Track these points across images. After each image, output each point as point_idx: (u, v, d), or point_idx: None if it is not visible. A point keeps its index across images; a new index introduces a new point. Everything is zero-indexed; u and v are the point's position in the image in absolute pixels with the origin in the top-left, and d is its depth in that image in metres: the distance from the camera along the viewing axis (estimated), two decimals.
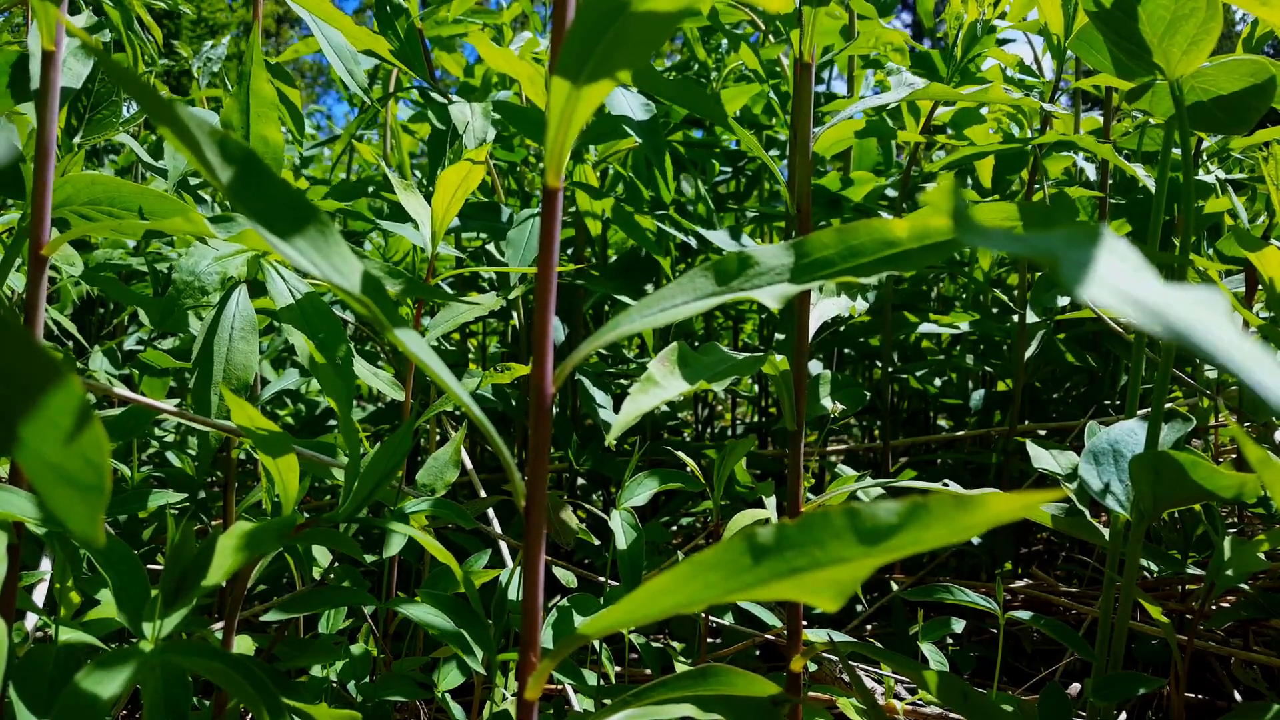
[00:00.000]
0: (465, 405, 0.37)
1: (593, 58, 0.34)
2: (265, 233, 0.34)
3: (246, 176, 0.34)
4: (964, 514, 0.27)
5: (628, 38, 0.33)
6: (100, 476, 0.27)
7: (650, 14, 0.32)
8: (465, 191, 0.85)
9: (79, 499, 0.28)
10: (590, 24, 0.33)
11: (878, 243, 0.39)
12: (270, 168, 0.35)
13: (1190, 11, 0.64)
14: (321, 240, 0.35)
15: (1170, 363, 0.79)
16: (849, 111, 0.68)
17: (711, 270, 0.41)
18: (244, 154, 0.34)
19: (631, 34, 0.33)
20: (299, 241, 0.35)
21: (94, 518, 0.28)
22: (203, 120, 0.33)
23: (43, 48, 0.64)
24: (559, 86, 0.35)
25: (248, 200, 0.34)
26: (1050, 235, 0.27)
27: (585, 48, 0.34)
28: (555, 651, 0.39)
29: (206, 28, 7.15)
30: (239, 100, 0.73)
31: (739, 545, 0.30)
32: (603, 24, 0.33)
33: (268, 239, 0.34)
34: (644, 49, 0.33)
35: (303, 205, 0.35)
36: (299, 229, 0.35)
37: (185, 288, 0.72)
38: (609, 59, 0.34)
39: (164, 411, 0.83)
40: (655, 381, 0.50)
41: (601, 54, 0.34)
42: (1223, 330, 0.24)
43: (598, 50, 0.34)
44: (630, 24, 0.32)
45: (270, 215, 0.34)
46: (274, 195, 0.34)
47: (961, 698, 0.64)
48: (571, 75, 0.35)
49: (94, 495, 0.28)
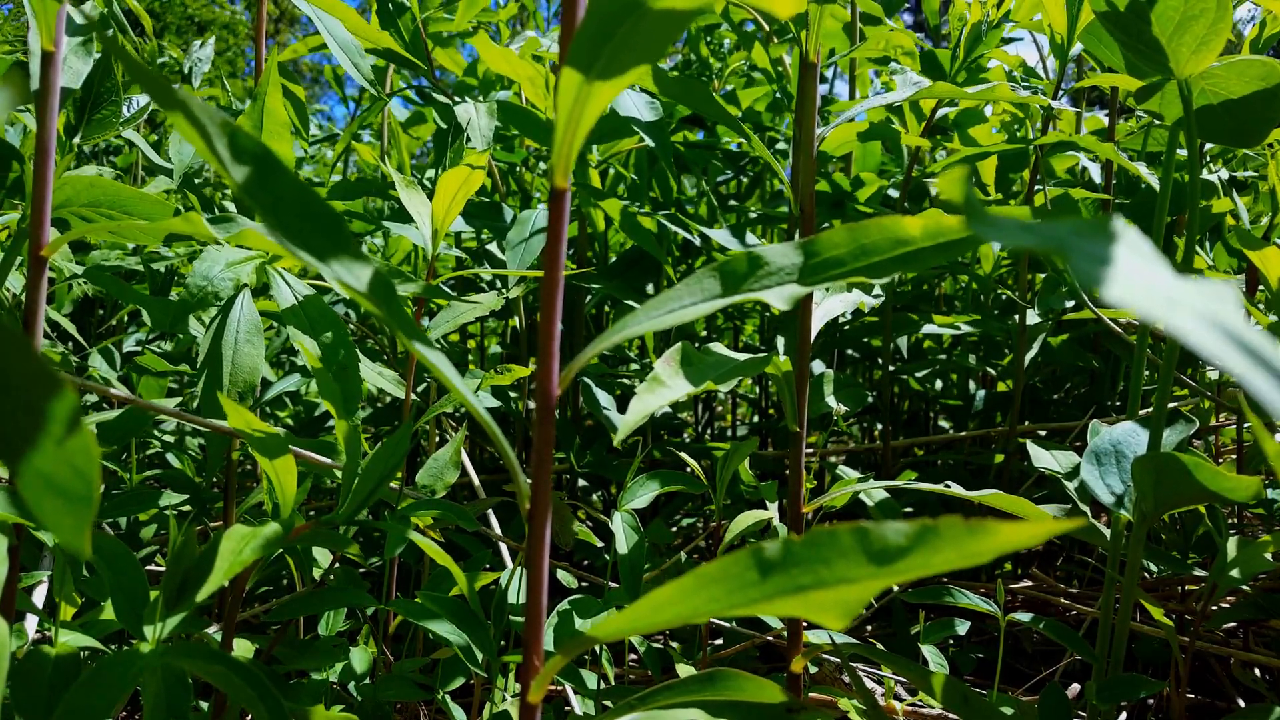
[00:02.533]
0: (476, 411, 0.37)
1: (603, 55, 0.33)
2: (278, 233, 0.33)
3: (260, 174, 0.33)
4: (974, 540, 0.27)
5: (640, 35, 0.32)
6: (89, 487, 0.27)
7: (665, 11, 0.31)
8: (467, 192, 0.85)
9: (66, 509, 0.27)
10: (601, 21, 0.32)
11: (890, 241, 0.38)
12: (285, 165, 0.35)
13: (1200, 12, 0.64)
14: (333, 240, 0.35)
15: (1173, 363, 0.79)
16: (853, 111, 0.68)
17: (719, 271, 0.40)
18: (258, 150, 0.34)
19: (644, 31, 0.32)
20: (311, 241, 0.34)
21: (81, 528, 0.27)
22: (214, 112, 0.33)
23: (42, 47, 0.64)
24: (568, 86, 0.34)
25: (260, 198, 0.34)
26: (1061, 227, 0.27)
27: (596, 45, 0.33)
28: (558, 655, 0.39)
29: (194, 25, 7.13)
30: (252, 118, 0.73)
31: (744, 559, 0.30)
32: (615, 21, 0.32)
33: (279, 239, 0.34)
34: (657, 47, 0.32)
35: (315, 205, 0.35)
36: (311, 229, 0.35)
37: (199, 293, 0.72)
38: (620, 57, 0.33)
39: (164, 412, 0.83)
40: (662, 382, 0.50)
41: (613, 52, 0.33)
42: (1236, 325, 0.24)
43: (608, 48, 0.33)
44: (643, 21, 0.32)
45: (283, 214, 0.34)
46: (287, 194, 0.34)
47: (962, 700, 0.64)
48: (581, 73, 0.34)
49: (82, 505, 0.27)
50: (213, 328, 0.75)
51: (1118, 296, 0.24)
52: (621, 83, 0.34)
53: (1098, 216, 0.27)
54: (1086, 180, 1.54)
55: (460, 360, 1.60)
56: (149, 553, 1.14)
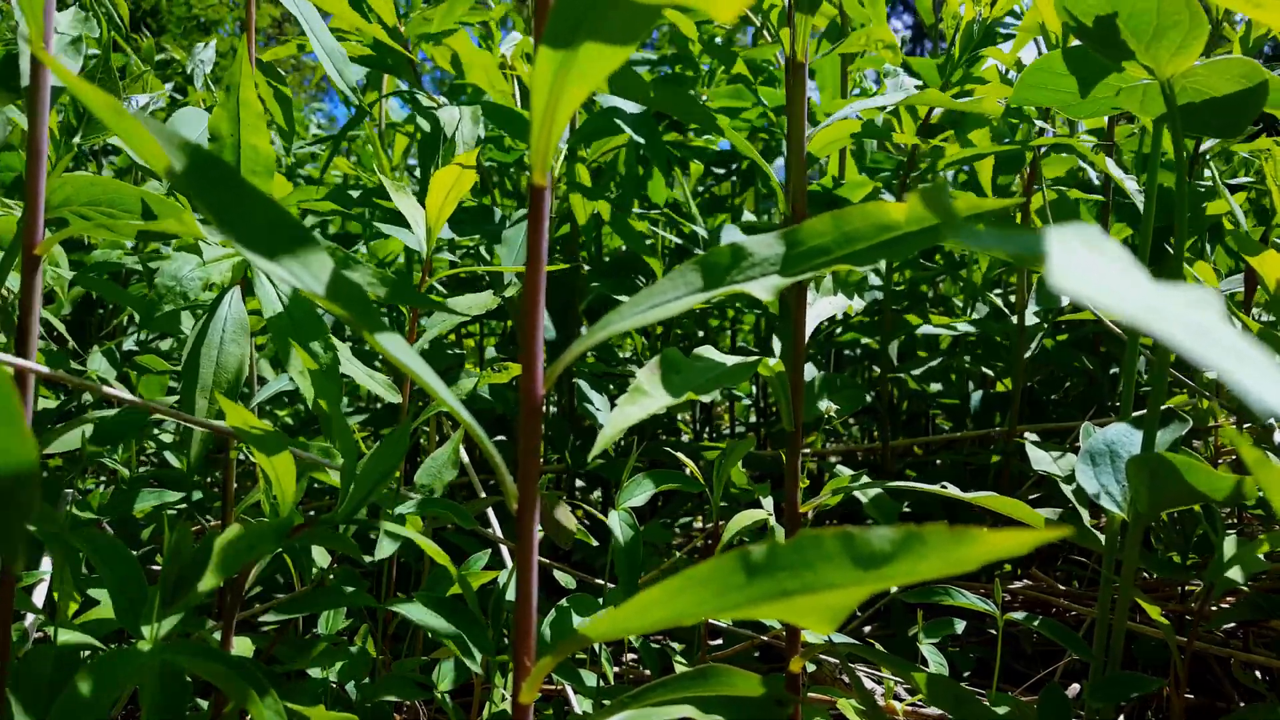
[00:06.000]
0: (451, 407, 0.36)
1: (577, 44, 0.32)
2: (246, 250, 0.33)
3: (223, 193, 0.33)
4: (960, 547, 0.27)
5: (614, 19, 0.31)
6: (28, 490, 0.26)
7: None
8: (458, 193, 0.85)
9: None
10: (572, 7, 0.31)
11: (874, 227, 0.38)
12: (248, 180, 0.34)
13: (1175, 23, 0.64)
14: (291, 243, 0.34)
15: (1166, 364, 0.79)
16: (844, 112, 0.68)
17: (701, 264, 0.40)
18: (219, 169, 0.33)
19: (618, 14, 0.31)
20: (279, 256, 0.34)
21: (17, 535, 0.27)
22: (173, 133, 0.33)
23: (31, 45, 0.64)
24: (541, 80, 0.34)
25: (225, 217, 0.33)
26: (1038, 235, 0.27)
27: (569, 35, 0.32)
28: (552, 655, 0.39)
29: (197, 24, 7.11)
30: (228, 110, 0.72)
31: (732, 562, 0.30)
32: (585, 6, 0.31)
33: (249, 256, 0.33)
34: (633, 30, 0.31)
35: (281, 218, 0.34)
36: (278, 242, 0.34)
37: (166, 292, 0.72)
38: (595, 46, 0.32)
39: (159, 412, 0.83)
40: (644, 391, 0.49)
41: (586, 39, 0.32)
42: (1215, 330, 0.24)
43: (580, 37, 0.32)
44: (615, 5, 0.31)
45: (249, 231, 0.33)
46: (252, 210, 0.33)
47: (953, 700, 0.64)
48: (556, 63, 0.33)
49: None
50: (197, 328, 0.75)
51: (1083, 297, 0.24)
52: (597, 74, 0.33)
53: (1077, 225, 0.28)
54: (1084, 180, 1.54)
55: (457, 361, 1.60)
56: (147, 551, 1.14)
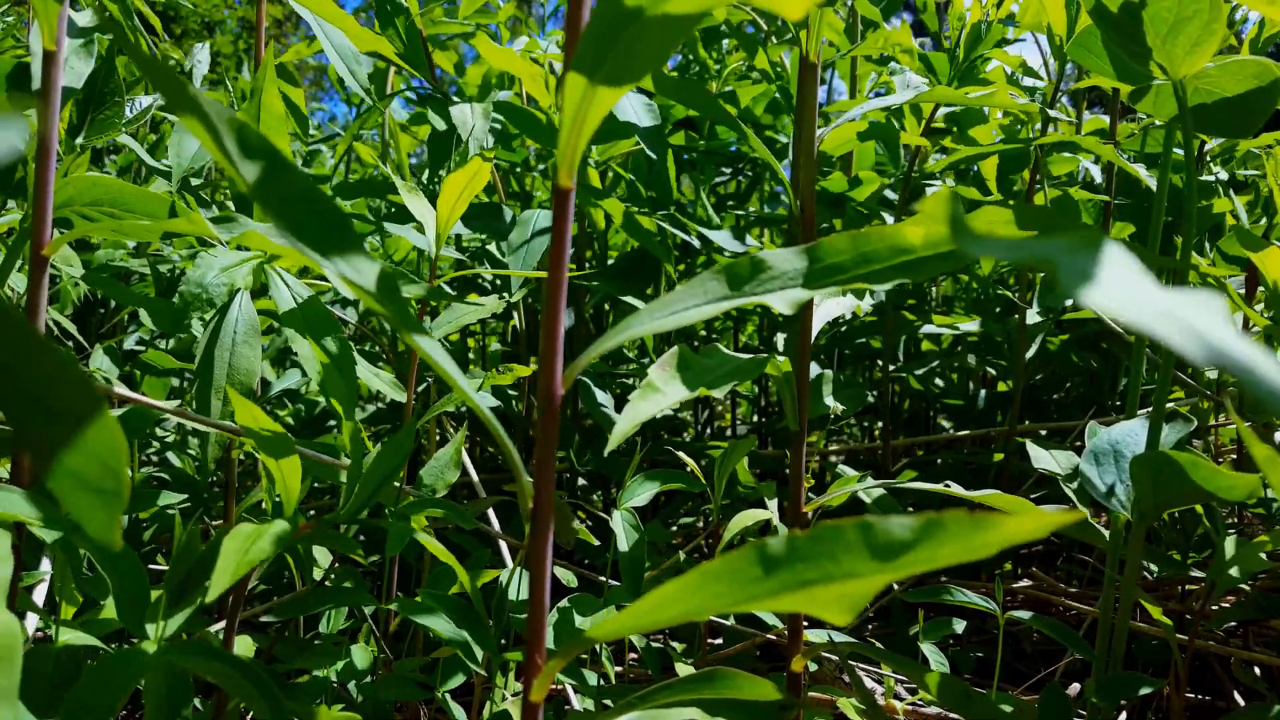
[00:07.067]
0: (479, 409, 0.37)
1: (608, 60, 0.34)
2: (285, 232, 0.34)
3: (268, 172, 0.34)
4: (979, 533, 0.27)
5: (644, 40, 0.33)
6: (119, 482, 0.28)
7: (668, 17, 0.32)
8: (470, 194, 0.85)
9: (98, 503, 0.28)
10: (606, 25, 0.33)
11: (891, 249, 0.39)
12: (293, 164, 0.35)
13: (1194, 13, 0.64)
14: (340, 239, 0.35)
15: (1171, 364, 0.79)
16: (854, 112, 0.68)
17: (723, 274, 0.40)
18: (266, 149, 0.34)
19: (648, 36, 0.33)
20: (318, 240, 0.35)
21: (112, 522, 0.28)
22: (223, 109, 0.33)
23: (44, 47, 0.64)
24: (573, 88, 0.35)
25: (268, 196, 0.34)
26: (1049, 243, 0.27)
27: (601, 49, 0.33)
28: (560, 654, 0.39)
29: (204, 25, 7.11)
30: (250, 114, 0.73)
31: (749, 555, 0.30)
32: (619, 25, 0.33)
33: (286, 238, 0.34)
34: (661, 51, 0.33)
35: (322, 203, 0.35)
36: (318, 228, 0.35)
37: (193, 300, 0.72)
38: (624, 62, 0.33)
39: (165, 412, 0.83)
40: (656, 388, 0.50)
41: (617, 56, 0.33)
42: (1222, 332, 0.24)
43: (613, 52, 0.33)
44: (647, 27, 0.32)
45: (291, 213, 0.34)
46: (295, 193, 0.34)
47: (963, 698, 0.64)
48: (586, 77, 0.34)
49: (113, 500, 0.28)
50: (209, 329, 0.76)
51: (1095, 305, 0.24)
52: (626, 86, 0.34)
53: (1086, 232, 0.28)
54: (1088, 181, 1.54)
55: (461, 360, 1.60)
56: (149, 551, 1.14)
